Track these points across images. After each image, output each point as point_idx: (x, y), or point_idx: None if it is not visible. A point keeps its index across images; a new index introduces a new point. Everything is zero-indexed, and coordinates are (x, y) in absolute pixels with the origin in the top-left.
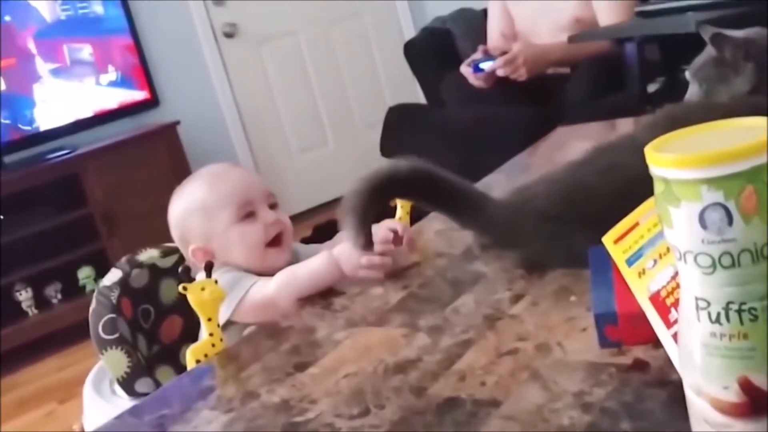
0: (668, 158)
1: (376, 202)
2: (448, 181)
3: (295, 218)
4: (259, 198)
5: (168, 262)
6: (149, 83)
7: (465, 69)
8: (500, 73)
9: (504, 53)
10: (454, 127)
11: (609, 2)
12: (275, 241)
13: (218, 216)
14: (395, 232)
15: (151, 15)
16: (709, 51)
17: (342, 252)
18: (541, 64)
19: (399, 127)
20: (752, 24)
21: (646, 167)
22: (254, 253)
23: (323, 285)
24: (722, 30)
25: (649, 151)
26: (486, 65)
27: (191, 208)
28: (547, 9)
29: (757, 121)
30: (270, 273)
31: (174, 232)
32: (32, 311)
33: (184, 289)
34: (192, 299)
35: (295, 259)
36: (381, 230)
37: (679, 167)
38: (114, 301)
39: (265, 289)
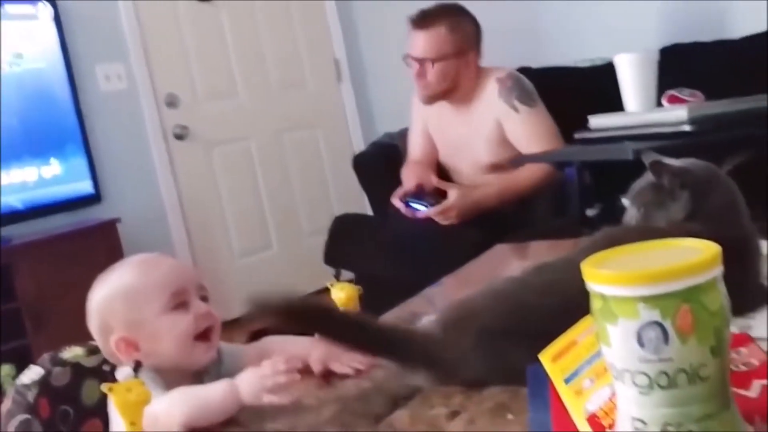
0: (606, 275)
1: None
2: (371, 326)
3: (233, 323)
4: (191, 288)
5: (93, 361)
6: (93, 179)
7: (398, 204)
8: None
9: (439, 191)
10: (398, 239)
11: (526, 136)
12: (204, 336)
13: (148, 303)
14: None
15: (102, 112)
16: (648, 177)
17: (244, 378)
18: (474, 211)
19: (344, 236)
20: (686, 155)
21: (584, 286)
22: (183, 346)
23: (218, 414)
24: (661, 158)
25: (586, 267)
26: (419, 207)
27: (118, 294)
28: (466, 150)
29: (693, 243)
30: (195, 369)
31: (93, 321)
32: None
33: (109, 389)
34: (116, 401)
35: (219, 359)
36: (316, 364)
37: (617, 284)
38: (31, 401)
39: (156, 405)
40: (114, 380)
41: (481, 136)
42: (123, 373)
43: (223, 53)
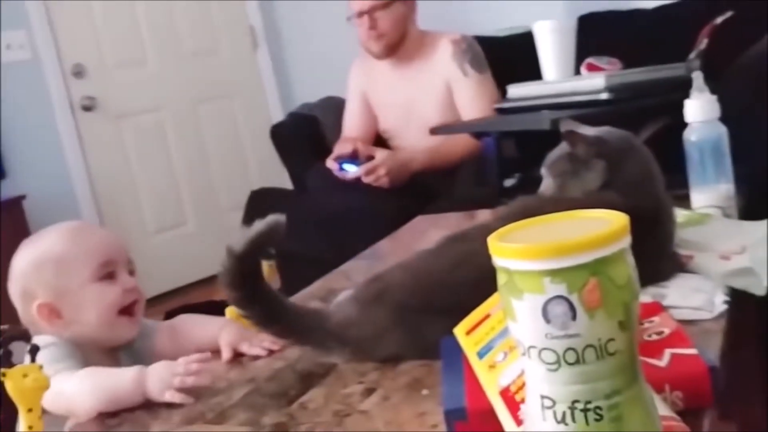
0: (510, 248)
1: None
2: (289, 311)
3: (147, 303)
4: (120, 260)
5: None
6: None
7: (331, 164)
8: (363, 179)
9: (370, 157)
10: (318, 213)
11: (470, 102)
12: (128, 310)
13: (76, 271)
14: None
15: (4, 83)
16: (564, 146)
17: (153, 371)
18: (404, 172)
19: (261, 211)
20: (604, 123)
21: None
22: (106, 318)
23: (125, 404)
24: (575, 127)
25: (492, 240)
26: (350, 168)
27: (45, 259)
28: (413, 113)
29: (602, 214)
30: (117, 343)
31: (15, 285)
32: None
33: (3, 374)
34: (11, 387)
35: (139, 334)
36: (225, 349)
37: (521, 258)
38: None
39: (65, 383)
40: (9, 365)
41: (431, 99)
42: (40, 341)
43: (132, 19)
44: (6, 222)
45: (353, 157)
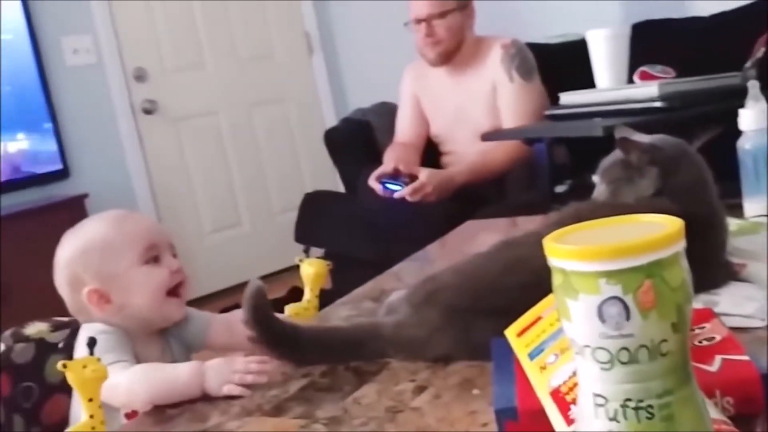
0: (567, 250)
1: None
2: (338, 334)
3: (202, 300)
4: (163, 244)
5: (58, 337)
6: (61, 154)
7: (374, 185)
8: (408, 199)
9: (412, 176)
10: (369, 216)
11: (510, 107)
12: (175, 292)
13: (122, 255)
14: None
15: (70, 86)
16: (617, 153)
17: (211, 367)
18: (449, 189)
19: (314, 214)
20: (657, 131)
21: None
22: (155, 299)
23: (181, 396)
24: (629, 134)
25: (548, 242)
26: (395, 187)
27: (92, 245)
28: (464, 118)
29: (657, 218)
30: (164, 325)
31: (62, 273)
32: None
33: (64, 366)
34: (72, 377)
35: (185, 321)
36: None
37: (577, 259)
38: None
39: (118, 375)
40: (70, 357)
41: (480, 104)
42: (89, 329)
43: (191, 25)
44: (69, 219)
45: (395, 176)
